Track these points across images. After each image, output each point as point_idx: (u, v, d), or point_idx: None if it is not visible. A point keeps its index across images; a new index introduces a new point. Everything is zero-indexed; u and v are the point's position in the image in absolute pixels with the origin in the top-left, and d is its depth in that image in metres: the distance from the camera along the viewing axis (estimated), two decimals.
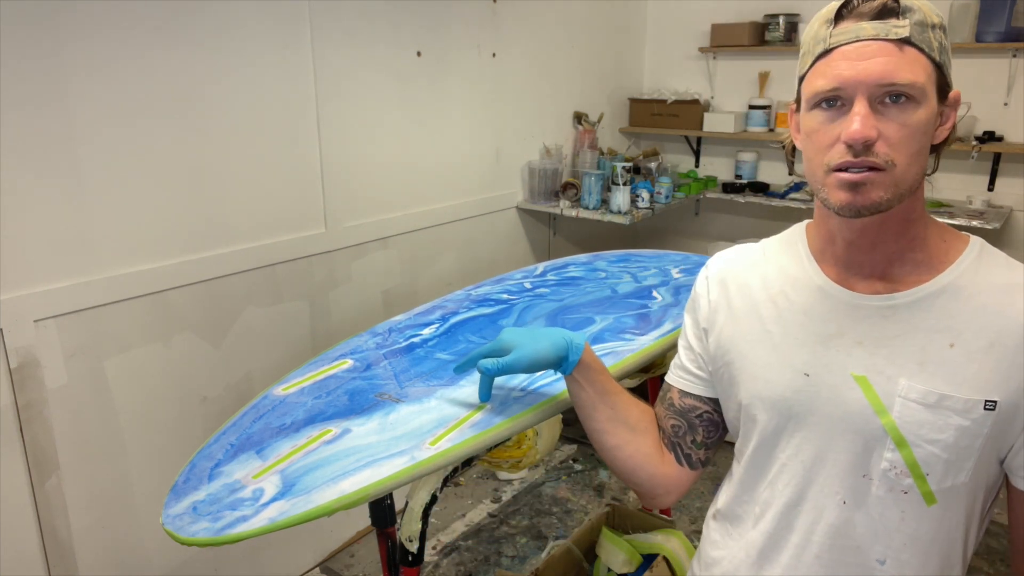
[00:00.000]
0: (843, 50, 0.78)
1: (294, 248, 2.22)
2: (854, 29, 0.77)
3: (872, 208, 0.78)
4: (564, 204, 3.02)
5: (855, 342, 0.85)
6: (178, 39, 1.84)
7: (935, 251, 0.85)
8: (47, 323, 1.70)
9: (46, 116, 1.63)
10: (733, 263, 1.00)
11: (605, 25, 3.43)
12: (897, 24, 0.76)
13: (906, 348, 0.82)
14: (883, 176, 0.77)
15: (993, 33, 2.71)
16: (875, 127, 0.76)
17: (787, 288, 0.92)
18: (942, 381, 0.80)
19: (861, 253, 0.86)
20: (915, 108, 0.76)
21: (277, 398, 1.38)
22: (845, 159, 0.78)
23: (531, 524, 2.68)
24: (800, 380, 0.87)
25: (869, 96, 0.76)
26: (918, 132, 0.77)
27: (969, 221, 2.63)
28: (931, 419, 0.80)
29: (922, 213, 0.85)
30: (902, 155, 0.77)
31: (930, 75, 0.77)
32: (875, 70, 0.75)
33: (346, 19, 2.24)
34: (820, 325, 0.88)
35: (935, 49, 0.78)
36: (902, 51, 0.76)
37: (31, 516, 1.74)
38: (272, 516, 1.05)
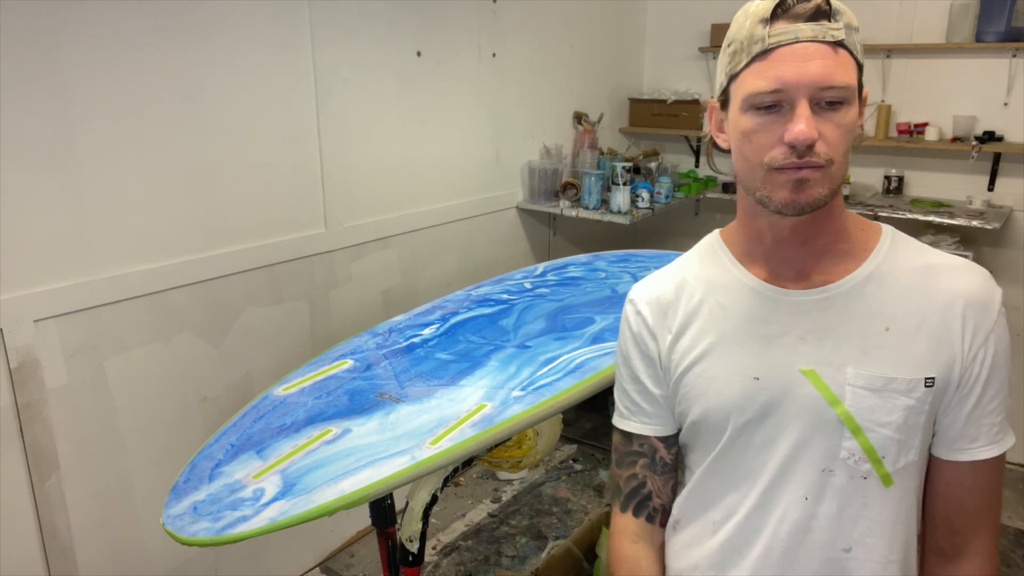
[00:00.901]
0: (782, 51, 0.78)
1: (294, 248, 2.22)
2: (793, 30, 0.77)
3: (813, 205, 0.80)
4: (564, 204, 3.02)
5: (798, 338, 0.86)
6: (178, 39, 1.84)
7: (857, 241, 0.87)
8: (47, 323, 1.70)
9: (46, 116, 1.63)
10: (658, 288, 0.97)
11: (605, 25, 3.43)
12: (832, 27, 0.77)
13: (848, 337, 0.84)
14: (822, 174, 0.79)
15: (993, 33, 2.71)
16: (816, 128, 0.77)
17: (720, 298, 0.91)
18: (885, 365, 0.83)
19: (792, 249, 0.87)
20: (848, 108, 0.79)
21: (277, 398, 1.38)
22: (789, 160, 0.78)
23: (531, 524, 2.68)
24: (751, 385, 0.87)
25: (810, 98, 0.77)
26: (849, 131, 0.79)
27: (969, 221, 2.63)
28: (880, 403, 0.83)
29: (843, 206, 0.88)
30: (838, 153, 0.79)
31: (856, 76, 0.80)
32: (816, 72, 0.76)
33: (346, 19, 2.24)
34: (761, 327, 0.88)
35: (859, 51, 0.80)
36: (837, 53, 0.77)
37: (31, 516, 1.74)
38: (273, 516, 1.05)
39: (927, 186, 3.05)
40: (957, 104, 2.90)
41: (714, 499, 0.93)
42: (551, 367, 1.46)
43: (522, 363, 1.48)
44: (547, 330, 1.66)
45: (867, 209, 2.81)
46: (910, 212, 2.76)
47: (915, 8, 2.92)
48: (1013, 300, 2.95)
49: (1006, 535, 2.60)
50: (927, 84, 2.96)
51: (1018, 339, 2.95)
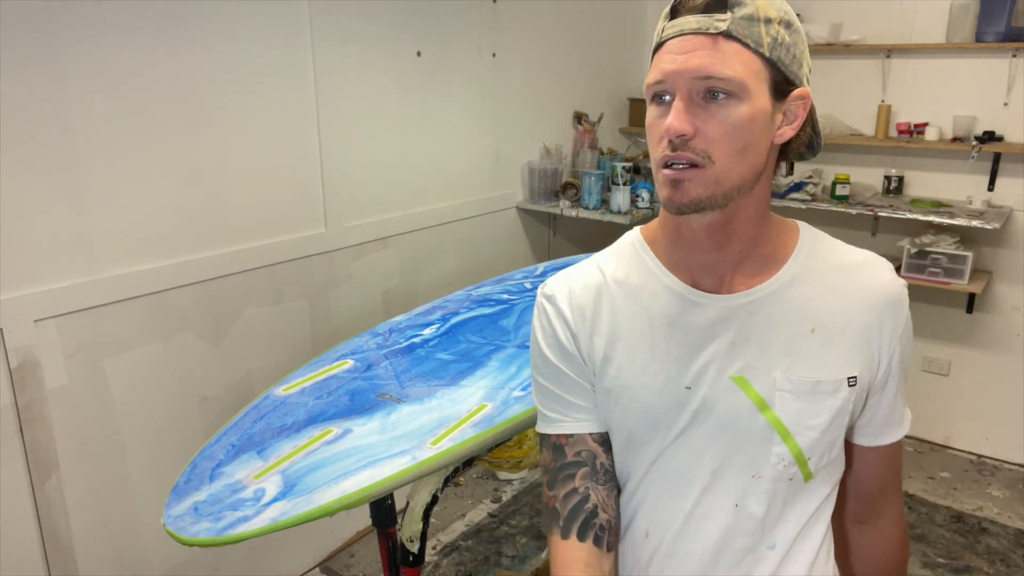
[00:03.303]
0: (668, 44, 0.77)
1: (294, 248, 2.22)
2: (680, 23, 0.77)
3: (692, 206, 0.77)
4: (564, 204, 3.02)
5: (728, 344, 0.83)
6: (178, 39, 1.84)
7: (778, 243, 0.85)
8: (47, 323, 1.70)
9: (46, 116, 1.63)
10: (577, 287, 0.91)
11: (605, 25, 3.43)
12: (719, 17, 0.75)
13: (774, 341, 0.82)
14: (701, 173, 0.76)
15: (993, 33, 2.71)
16: (691, 122, 0.75)
17: (645, 302, 0.87)
18: (812, 368, 0.82)
19: (710, 253, 0.84)
20: (736, 104, 0.75)
21: (278, 398, 1.38)
22: (666, 153, 0.77)
23: (531, 524, 2.68)
24: (682, 394, 0.84)
25: (689, 90, 0.75)
26: (740, 128, 0.75)
27: (969, 221, 2.63)
28: (808, 407, 0.82)
29: (765, 211, 0.84)
30: (721, 151, 0.75)
31: (757, 71, 0.75)
32: (692, 64, 0.74)
33: (346, 19, 2.24)
34: (690, 334, 0.84)
35: (765, 44, 0.75)
36: (720, 45, 0.74)
37: (31, 516, 1.74)
38: (273, 516, 1.05)
39: (927, 186, 3.05)
40: (957, 104, 2.90)
41: (647, 511, 0.89)
42: None
43: (523, 363, 1.48)
44: None
45: (867, 209, 2.82)
46: (910, 212, 2.75)
47: (915, 8, 2.92)
48: (1013, 300, 2.95)
49: (1006, 535, 2.61)
50: (927, 84, 2.96)
51: (1018, 339, 2.95)
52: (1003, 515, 2.72)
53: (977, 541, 2.57)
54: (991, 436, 3.09)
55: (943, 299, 3.04)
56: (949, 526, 2.65)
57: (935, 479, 2.96)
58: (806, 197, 3.00)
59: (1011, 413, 3.01)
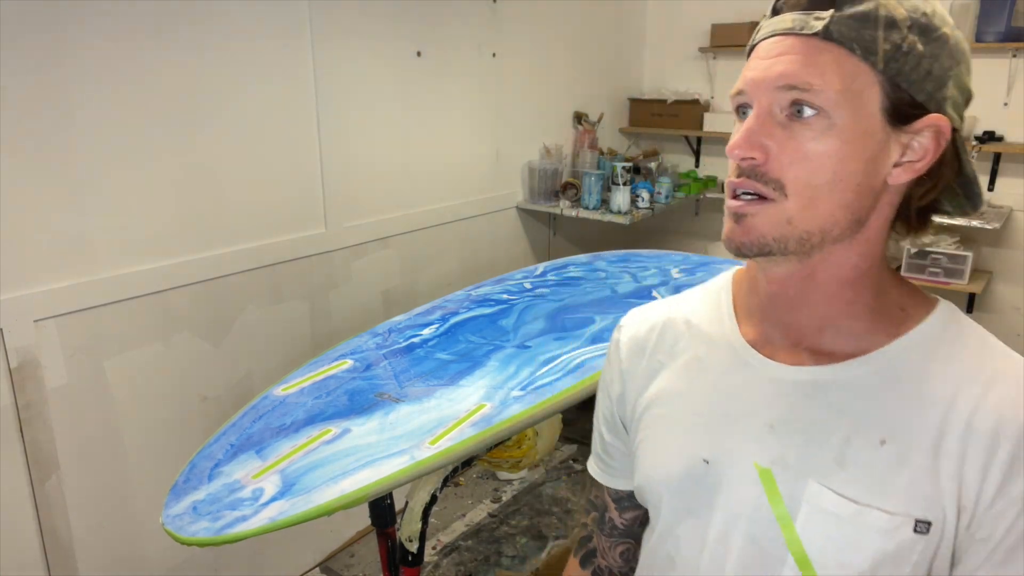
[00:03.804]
0: (758, 47, 0.64)
1: (294, 248, 2.22)
2: (775, 22, 0.63)
3: (754, 247, 0.63)
4: (564, 204, 3.02)
5: (766, 425, 0.67)
6: (178, 39, 1.84)
7: (885, 320, 0.66)
8: (47, 323, 1.70)
9: (46, 116, 1.63)
10: (646, 322, 0.81)
11: (605, 25, 3.43)
12: (819, 15, 0.60)
13: (826, 439, 0.64)
14: (769, 208, 0.61)
15: (993, 33, 2.71)
16: (763, 143, 0.61)
17: (701, 351, 0.75)
18: (864, 488, 0.61)
19: (784, 311, 0.68)
20: (825, 124, 0.59)
21: (277, 398, 1.39)
22: (731, 179, 0.64)
23: (531, 524, 2.68)
24: (699, 467, 0.70)
25: (770, 103, 0.61)
26: (826, 156, 0.59)
27: (969, 221, 2.63)
28: (844, 537, 0.61)
29: (870, 272, 0.66)
30: (798, 183, 0.60)
31: (863, 86, 0.59)
32: (775, 70, 0.61)
33: (346, 19, 2.24)
34: (729, 400, 0.70)
35: (879, 53, 0.59)
36: (816, 49, 0.60)
37: (31, 516, 1.74)
38: (272, 516, 1.05)
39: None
40: None
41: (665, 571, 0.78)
42: (551, 367, 1.46)
43: (522, 363, 1.48)
44: (547, 330, 1.66)
45: None
46: None
47: None
48: (1013, 300, 2.95)
49: None
50: None
51: (1018, 339, 2.95)
52: None
53: None
54: None
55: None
56: None
57: None
58: None
59: None
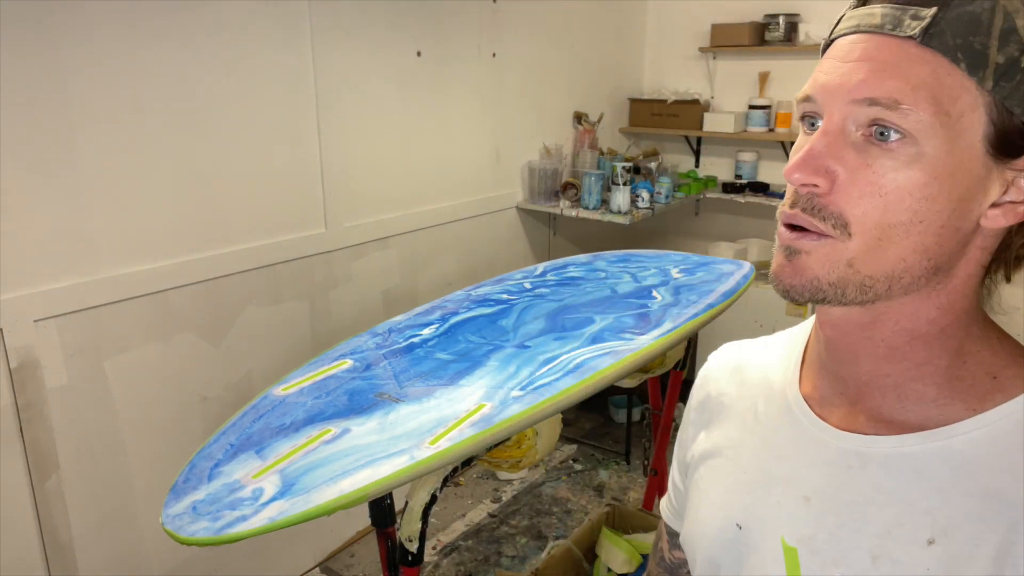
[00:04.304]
0: (836, 44, 0.52)
1: (294, 248, 2.22)
2: (861, 14, 0.51)
3: (806, 292, 0.52)
4: (564, 204, 3.02)
5: (802, 496, 0.58)
6: (178, 39, 1.84)
7: (966, 389, 0.54)
8: (47, 323, 1.70)
9: (46, 116, 1.63)
10: (727, 365, 0.74)
11: (605, 25, 3.43)
12: (918, 12, 0.47)
13: (864, 526, 0.54)
14: (827, 247, 0.51)
15: None
16: (830, 169, 0.50)
17: (761, 400, 0.67)
18: None
19: (841, 362, 0.58)
20: (912, 153, 0.47)
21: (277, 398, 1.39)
22: (785, 210, 0.53)
23: (531, 524, 2.68)
24: (732, 531, 0.63)
25: (844, 119, 0.50)
26: (908, 194, 0.48)
27: None
28: None
29: (951, 328, 0.55)
30: (867, 222, 0.49)
31: (965, 107, 0.47)
32: (853, 78, 0.49)
33: (346, 19, 2.24)
34: (774, 460, 0.62)
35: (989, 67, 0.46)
36: (909, 57, 0.47)
37: (31, 516, 1.74)
38: (272, 516, 1.05)
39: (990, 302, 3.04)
40: None
41: None
42: (550, 367, 1.46)
43: (521, 363, 1.48)
44: (547, 330, 1.66)
45: None
46: None
47: None
48: (1013, 300, 2.94)
49: None
50: None
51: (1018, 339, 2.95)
52: None
53: None
54: None
55: None
56: None
57: None
58: None
59: None
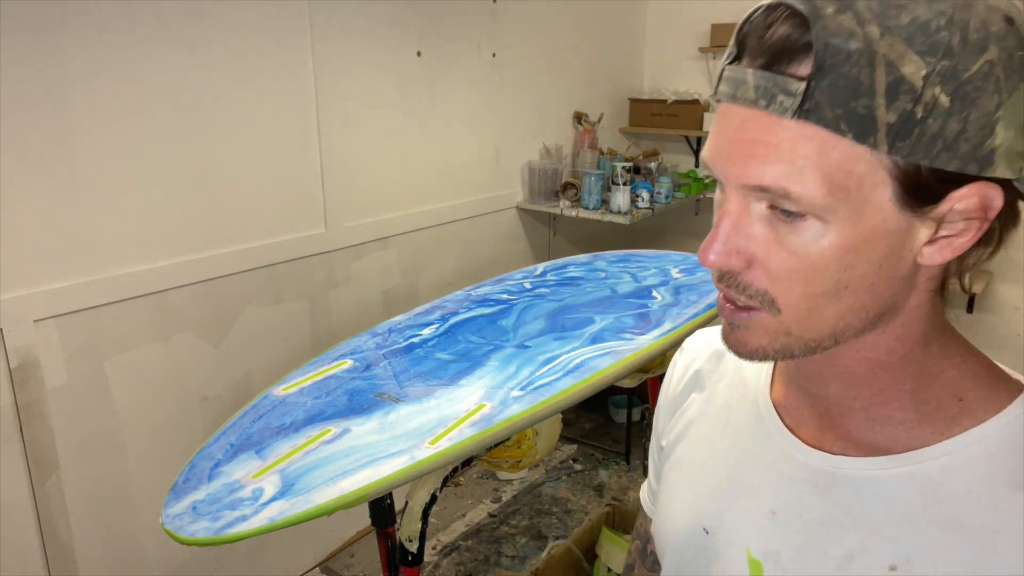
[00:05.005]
0: (721, 109, 0.49)
1: (294, 248, 2.22)
2: (735, 78, 0.47)
3: (755, 358, 0.52)
4: (564, 204, 3.02)
5: (770, 509, 0.57)
6: (178, 39, 1.84)
7: (933, 412, 0.53)
8: (47, 323, 1.70)
9: (46, 116, 1.63)
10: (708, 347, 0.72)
11: (605, 25, 3.43)
12: (788, 86, 0.43)
13: (828, 547, 0.54)
14: (762, 320, 0.50)
15: None
16: (739, 248, 0.48)
17: (734, 399, 0.65)
18: None
19: (811, 383, 0.57)
20: (819, 229, 0.45)
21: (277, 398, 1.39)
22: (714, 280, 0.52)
23: (531, 524, 2.68)
24: (699, 536, 0.62)
25: (744, 197, 0.48)
26: (824, 267, 0.46)
27: None
28: None
29: (911, 354, 0.53)
30: (791, 295, 0.48)
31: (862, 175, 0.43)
32: (739, 161, 0.46)
33: (346, 19, 2.24)
34: (742, 467, 0.61)
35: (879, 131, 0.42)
36: (788, 135, 0.44)
37: (31, 516, 1.74)
38: (272, 516, 1.05)
39: None
40: None
41: None
42: (550, 367, 1.46)
43: (521, 363, 1.49)
44: (547, 330, 1.66)
45: None
46: None
47: None
48: (1013, 300, 2.94)
49: None
50: None
51: (1018, 339, 2.95)
52: None
53: None
54: None
55: None
56: None
57: None
58: None
59: None
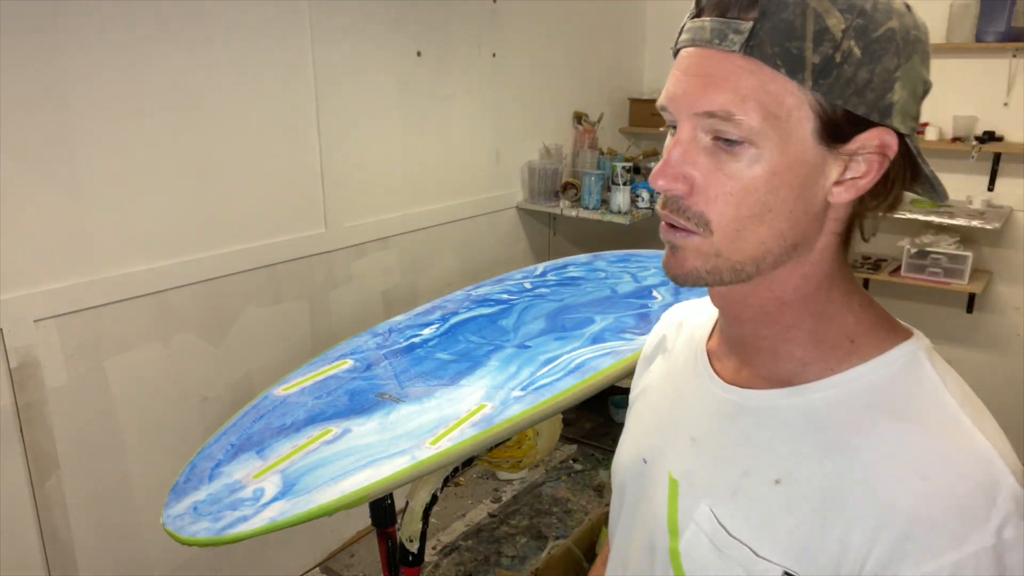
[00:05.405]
0: (679, 56, 0.58)
1: (294, 248, 2.22)
2: (694, 27, 0.56)
3: (689, 279, 0.59)
4: (564, 204, 3.02)
5: (690, 437, 0.66)
6: (178, 39, 1.84)
7: (828, 351, 0.59)
8: (47, 323, 1.70)
9: (46, 116, 1.63)
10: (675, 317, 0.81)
11: (605, 25, 3.43)
12: (738, 25, 0.52)
13: (729, 466, 0.61)
14: (697, 242, 0.57)
15: (993, 33, 2.71)
16: (687, 175, 0.55)
17: (683, 357, 0.73)
18: (743, 523, 0.59)
19: (730, 325, 0.65)
20: (752, 155, 0.53)
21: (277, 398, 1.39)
22: (659, 208, 0.60)
23: (531, 524, 2.68)
24: (639, 465, 0.71)
25: (694, 127, 0.55)
26: (754, 190, 0.54)
27: (969, 221, 2.63)
28: (714, 564, 0.60)
29: (815, 294, 0.60)
30: (724, 219, 0.55)
31: (792, 106, 0.52)
32: (691, 93, 0.55)
33: (346, 19, 2.24)
34: (678, 405, 0.70)
35: (807, 69, 0.51)
36: (735, 67, 0.52)
37: (31, 516, 1.74)
38: (272, 516, 1.05)
39: None
40: (957, 104, 2.90)
41: None
42: (551, 367, 1.46)
43: (522, 363, 1.49)
44: (547, 330, 1.66)
45: None
46: (910, 212, 2.75)
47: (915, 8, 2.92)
48: (1013, 300, 2.95)
49: None
50: None
51: (1018, 339, 2.95)
52: None
53: None
54: None
55: (943, 299, 3.04)
56: None
57: None
58: None
59: (1011, 413, 3.01)
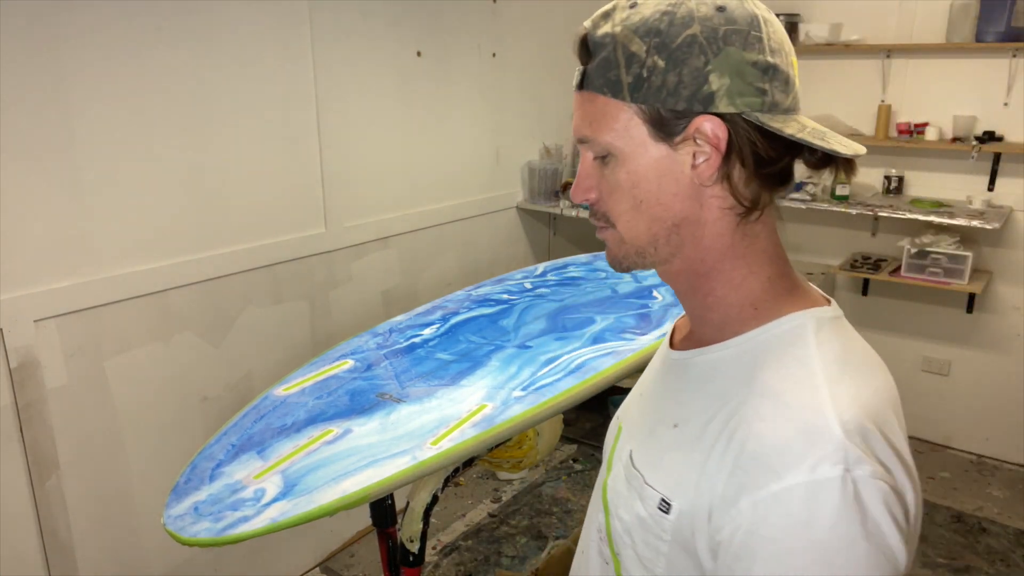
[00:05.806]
0: None
1: (294, 248, 2.22)
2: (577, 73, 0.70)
3: (615, 265, 0.72)
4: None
5: (639, 393, 0.82)
6: (178, 39, 1.83)
7: (735, 316, 0.69)
8: (47, 323, 1.70)
9: (46, 116, 1.63)
10: None
11: None
12: (582, 69, 0.67)
13: (654, 412, 0.75)
14: (612, 235, 0.70)
15: (993, 33, 2.71)
16: (588, 187, 0.70)
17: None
18: (645, 460, 0.71)
19: (678, 297, 0.76)
20: (616, 163, 0.66)
21: (278, 398, 1.38)
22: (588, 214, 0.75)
23: (531, 524, 2.68)
24: (616, 425, 0.83)
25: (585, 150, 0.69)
26: (625, 188, 0.67)
27: (969, 221, 2.63)
28: (625, 495, 0.72)
29: (719, 265, 0.69)
30: (616, 214, 0.69)
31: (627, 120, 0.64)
32: (574, 124, 0.69)
33: (346, 19, 2.24)
34: (647, 375, 0.84)
35: (624, 88, 0.63)
36: (587, 100, 0.67)
37: (31, 516, 1.74)
38: (273, 516, 1.05)
39: (927, 186, 3.05)
40: (957, 104, 2.90)
41: None
42: (552, 367, 1.46)
43: (523, 363, 1.48)
44: (547, 330, 1.66)
45: (867, 209, 2.81)
46: (910, 212, 2.76)
47: (915, 8, 2.92)
48: (1013, 300, 2.95)
49: (1006, 535, 2.60)
50: (927, 84, 2.96)
51: (1018, 339, 2.95)
52: (1003, 515, 2.72)
53: (977, 541, 2.57)
54: (991, 436, 3.09)
55: (943, 299, 3.04)
56: (949, 526, 2.65)
57: (935, 479, 2.96)
58: (806, 197, 3.00)
59: (1011, 413, 3.01)
